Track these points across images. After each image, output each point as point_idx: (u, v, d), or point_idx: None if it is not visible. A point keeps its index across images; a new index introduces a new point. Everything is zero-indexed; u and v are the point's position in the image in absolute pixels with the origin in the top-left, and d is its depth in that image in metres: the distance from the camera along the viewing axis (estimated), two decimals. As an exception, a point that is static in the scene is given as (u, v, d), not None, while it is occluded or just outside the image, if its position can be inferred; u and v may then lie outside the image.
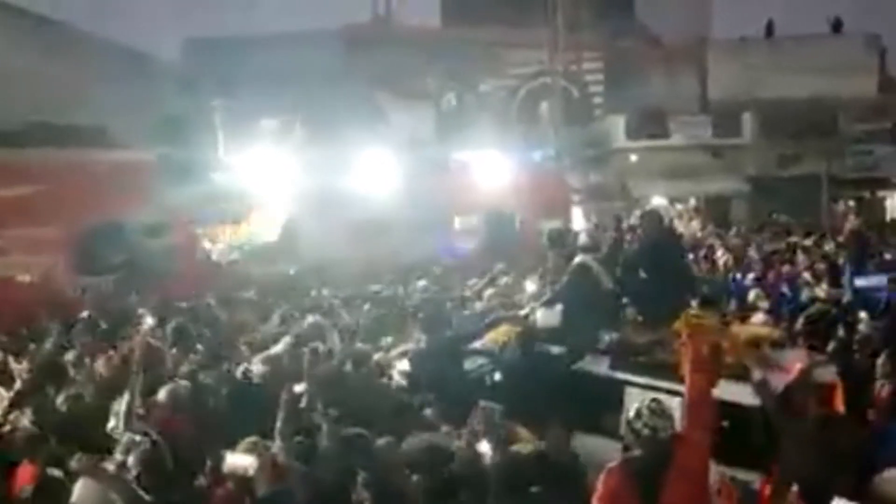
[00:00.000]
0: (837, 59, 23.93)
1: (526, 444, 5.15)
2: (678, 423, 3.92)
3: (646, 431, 3.69)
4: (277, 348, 6.68)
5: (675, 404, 4.47)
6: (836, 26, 26.28)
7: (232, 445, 4.57)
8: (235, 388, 5.98)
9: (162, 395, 5.37)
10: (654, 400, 3.88)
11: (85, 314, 7.89)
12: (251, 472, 4.31)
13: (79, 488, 4.25)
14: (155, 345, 6.18)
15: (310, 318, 7.63)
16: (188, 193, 11.09)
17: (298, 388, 5.42)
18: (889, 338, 6.93)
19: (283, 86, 18.21)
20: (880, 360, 6.01)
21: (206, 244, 12.50)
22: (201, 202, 11.84)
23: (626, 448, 3.88)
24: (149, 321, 6.82)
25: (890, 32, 26.11)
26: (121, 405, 5.02)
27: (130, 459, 4.35)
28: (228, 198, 12.49)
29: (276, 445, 4.75)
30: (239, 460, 4.37)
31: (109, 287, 10.31)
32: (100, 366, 6.18)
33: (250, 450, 4.46)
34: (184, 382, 5.67)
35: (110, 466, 4.35)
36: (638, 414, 3.76)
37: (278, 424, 4.92)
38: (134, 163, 11.36)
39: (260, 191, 12.86)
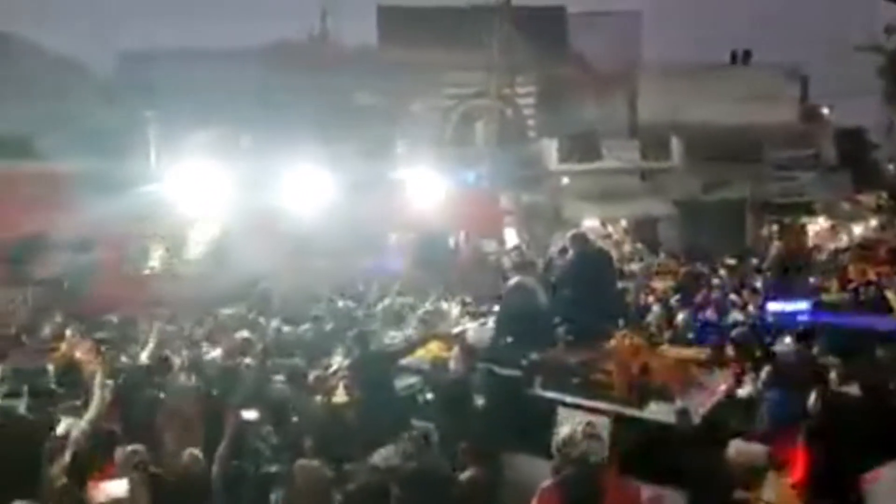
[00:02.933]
0: (761, 87, 25.06)
1: None
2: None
3: (577, 455, 3.72)
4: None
5: (604, 423, 4.54)
6: (746, 57, 27.64)
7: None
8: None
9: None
10: (588, 424, 3.91)
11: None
12: (124, 495, 4.21)
13: None
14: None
15: (242, 334, 7.53)
16: (116, 207, 10.76)
17: (248, 414, 5.31)
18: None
19: (216, 101, 17.91)
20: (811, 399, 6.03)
21: (136, 259, 12.16)
22: (130, 216, 11.49)
23: (557, 470, 3.89)
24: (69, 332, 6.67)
25: (810, 63, 27.62)
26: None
27: None
28: (158, 212, 12.16)
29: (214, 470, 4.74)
30: (112, 487, 4.22)
31: (29, 301, 9.99)
32: None
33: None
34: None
35: None
36: (571, 438, 3.78)
37: (220, 450, 4.84)
38: (56, 175, 10.97)
39: (192, 205, 12.55)
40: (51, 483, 4.32)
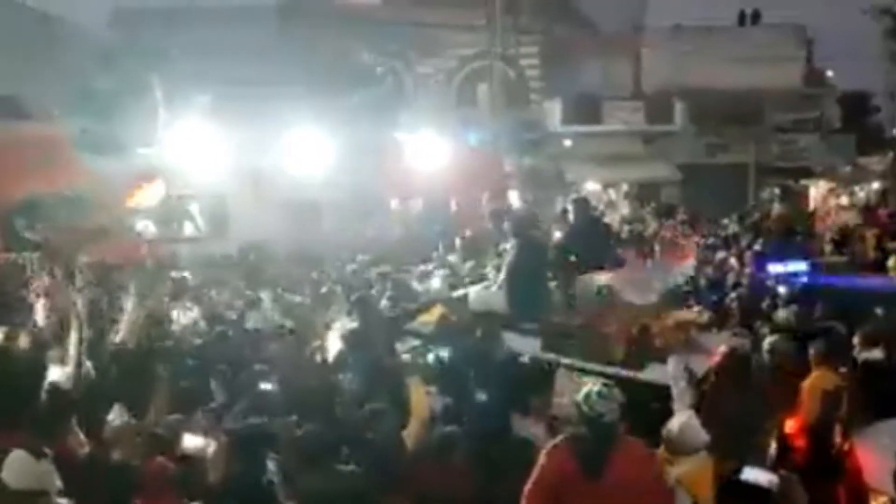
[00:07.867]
0: (765, 49, 24.74)
1: None
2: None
3: (591, 414, 3.73)
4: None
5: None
6: (755, 18, 27.18)
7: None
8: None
9: None
10: (605, 384, 3.90)
11: None
12: (209, 453, 4.24)
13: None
14: None
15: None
16: (114, 170, 10.65)
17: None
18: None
19: (216, 59, 17.67)
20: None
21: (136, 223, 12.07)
22: (128, 179, 11.39)
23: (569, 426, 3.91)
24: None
25: (816, 24, 27.16)
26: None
27: None
28: (157, 176, 12.05)
29: None
30: (197, 441, 4.27)
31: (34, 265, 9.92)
32: None
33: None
34: None
35: None
36: (587, 396, 3.79)
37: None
38: (48, 136, 10.81)
39: (191, 169, 12.44)
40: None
